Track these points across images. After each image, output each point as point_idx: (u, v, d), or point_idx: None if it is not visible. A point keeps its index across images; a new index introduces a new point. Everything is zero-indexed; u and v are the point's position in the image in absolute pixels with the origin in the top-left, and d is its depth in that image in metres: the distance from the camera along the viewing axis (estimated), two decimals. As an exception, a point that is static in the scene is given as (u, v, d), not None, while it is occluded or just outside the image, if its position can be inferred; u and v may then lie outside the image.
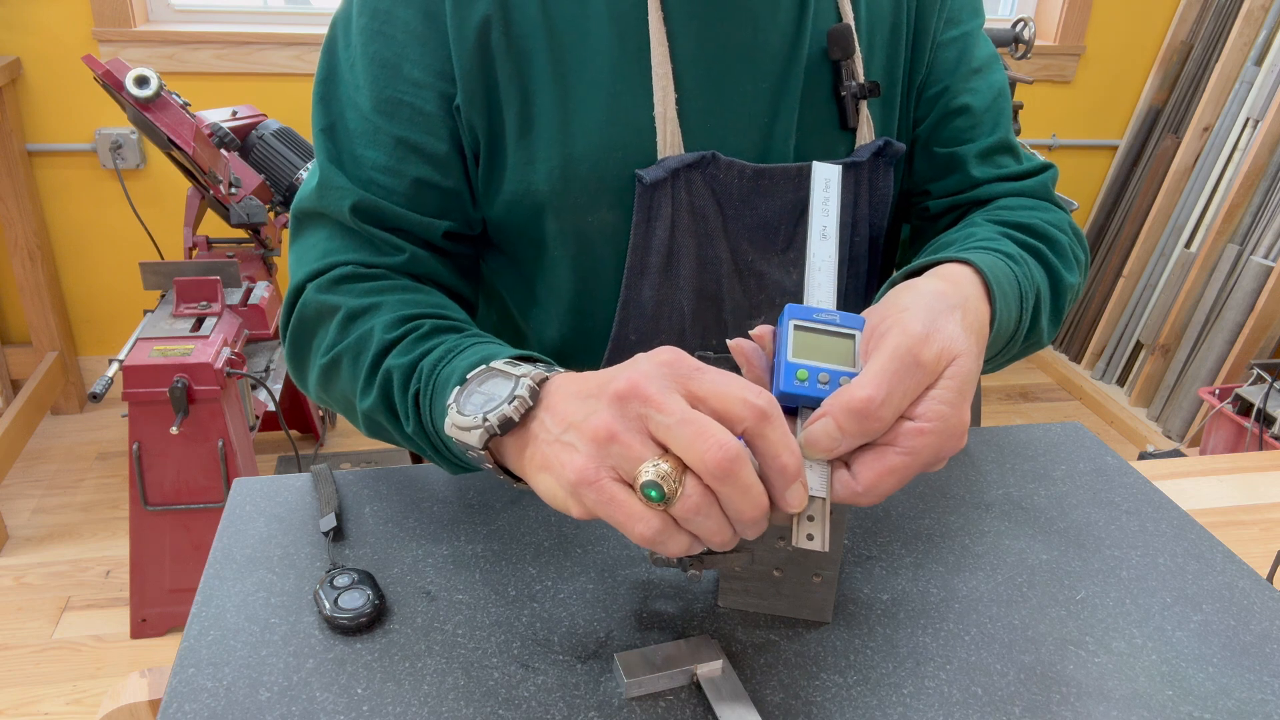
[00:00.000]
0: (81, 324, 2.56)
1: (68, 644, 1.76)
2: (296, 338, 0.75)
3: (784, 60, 0.75)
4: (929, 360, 0.52)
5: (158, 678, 0.64)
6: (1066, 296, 0.75)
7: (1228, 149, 2.54)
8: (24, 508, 2.13)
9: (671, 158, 0.73)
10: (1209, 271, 2.52)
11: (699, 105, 0.74)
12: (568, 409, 0.51)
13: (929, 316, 0.54)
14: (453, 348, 0.64)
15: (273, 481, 0.75)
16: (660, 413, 0.47)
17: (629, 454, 0.47)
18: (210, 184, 1.85)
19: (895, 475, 0.51)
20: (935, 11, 0.80)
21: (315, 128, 0.75)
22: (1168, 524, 0.74)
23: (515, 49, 0.71)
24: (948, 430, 0.51)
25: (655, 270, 0.76)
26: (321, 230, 0.75)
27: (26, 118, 2.31)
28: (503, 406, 0.54)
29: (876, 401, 0.50)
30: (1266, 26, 2.51)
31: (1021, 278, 0.68)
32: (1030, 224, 0.76)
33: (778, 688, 0.57)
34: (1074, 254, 0.78)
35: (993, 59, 0.83)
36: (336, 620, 0.60)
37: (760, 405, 0.47)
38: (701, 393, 0.48)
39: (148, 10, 2.35)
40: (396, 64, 0.72)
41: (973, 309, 0.58)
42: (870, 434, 0.51)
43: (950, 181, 0.82)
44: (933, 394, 0.52)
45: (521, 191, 0.75)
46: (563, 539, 0.69)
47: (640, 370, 0.48)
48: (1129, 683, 0.58)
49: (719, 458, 0.45)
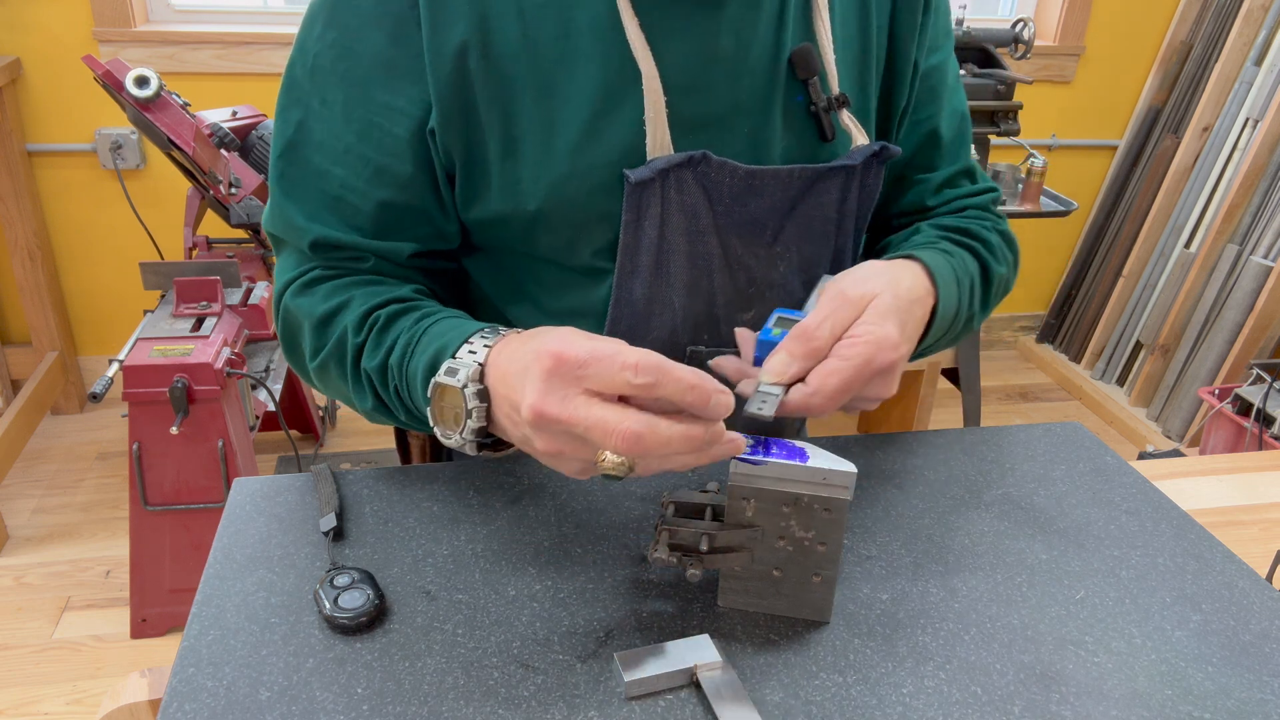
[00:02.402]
0: (81, 324, 2.56)
1: (68, 644, 1.76)
2: (287, 342, 0.79)
3: (765, 73, 0.76)
4: (854, 297, 0.66)
5: (158, 678, 0.64)
6: (994, 285, 0.85)
7: (1227, 149, 2.54)
8: (24, 508, 2.13)
9: (660, 158, 0.73)
10: (1209, 271, 2.52)
11: (686, 115, 0.74)
12: (510, 425, 0.60)
13: (860, 274, 0.70)
14: (409, 340, 0.69)
15: (273, 481, 0.75)
16: (571, 426, 0.53)
17: (579, 456, 0.55)
18: (210, 184, 1.85)
19: (835, 376, 0.62)
20: (914, 36, 0.81)
21: (274, 150, 0.76)
22: (1167, 524, 0.74)
23: (495, 72, 0.71)
24: (874, 339, 0.64)
25: (646, 269, 0.77)
26: (290, 246, 0.78)
27: (26, 118, 2.31)
28: (468, 423, 0.62)
29: (813, 325, 0.64)
30: (1266, 26, 2.51)
31: (958, 268, 0.79)
32: (966, 228, 0.85)
33: (778, 688, 0.57)
34: (1003, 252, 0.87)
35: (959, 80, 0.90)
36: (336, 620, 0.60)
37: (641, 364, 0.52)
38: (594, 386, 0.53)
39: (148, 10, 2.35)
40: (365, 84, 0.71)
41: (905, 281, 0.71)
42: (813, 354, 0.64)
43: (908, 202, 0.89)
44: (860, 319, 0.65)
45: (509, 210, 0.75)
46: (563, 539, 0.69)
47: (537, 392, 0.54)
48: (1129, 682, 0.59)
49: (627, 445, 0.52)
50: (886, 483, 0.78)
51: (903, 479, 0.78)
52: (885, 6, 0.80)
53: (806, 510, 0.59)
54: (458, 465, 0.78)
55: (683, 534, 0.60)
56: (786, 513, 0.59)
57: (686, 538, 0.60)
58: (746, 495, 0.59)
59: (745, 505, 0.60)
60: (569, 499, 0.74)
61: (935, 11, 0.82)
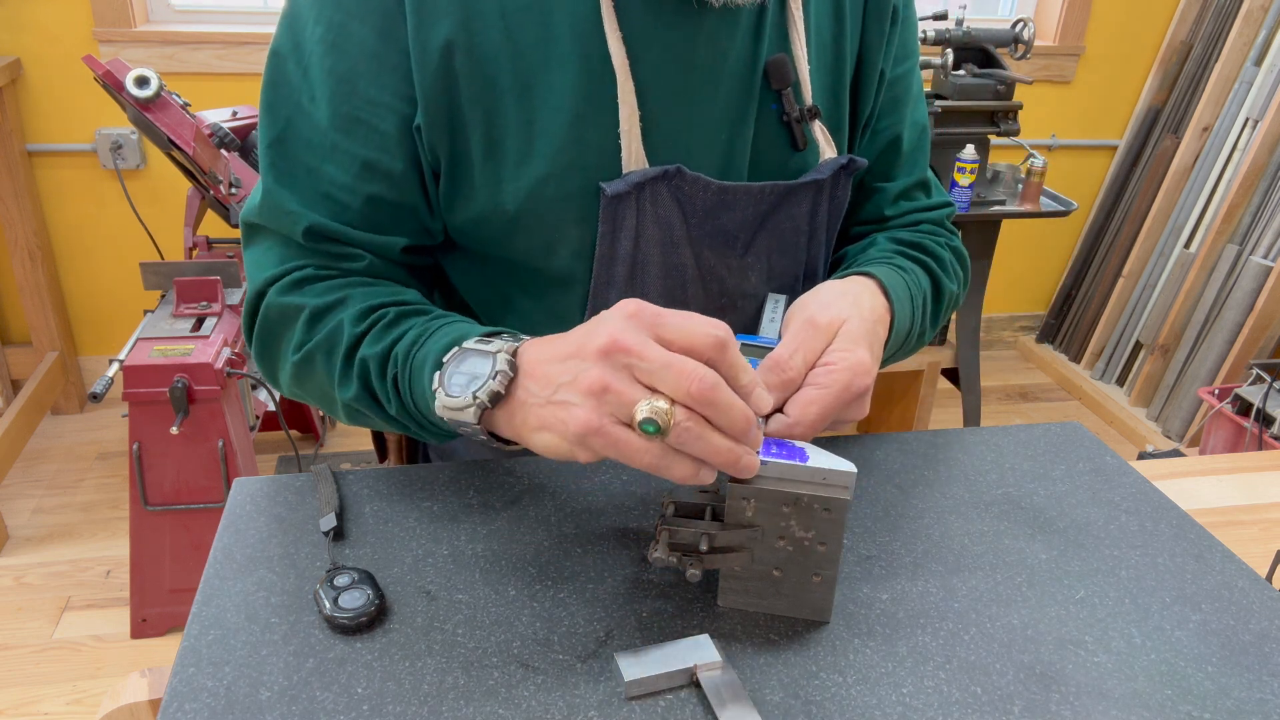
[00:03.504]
0: (81, 324, 2.56)
1: (68, 644, 1.76)
2: (264, 339, 0.76)
3: (740, 83, 0.77)
4: (824, 324, 0.67)
5: (158, 678, 0.64)
6: (945, 301, 0.87)
7: (1227, 149, 2.54)
8: (24, 508, 2.13)
9: (635, 171, 0.74)
10: (1208, 271, 2.52)
11: (661, 124, 0.75)
12: (551, 372, 0.59)
13: (824, 299, 0.70)
14: (423, 331, 0.68)
15: (273, 481, 0.75)
16: (643, 360, 0.54)
17: (623, 399, 0.55)
18: (210, 184, 1.85)
19: (814, 405, 0.63)
20: (882, 46, 0.82)
21: (262, 140, 0.75)
22: (1167, 524, 0.74)
23: (478, 73, 0.71)
24: (848, 366, 0.65)
25: (621, 280, 0.77)
26: (275, 238, 0.75)
27: (26, 118, 2.31)
28: (488, 383, 0.61)
29: (786, 355, 0.65)
30: (1266, 26, 2.51)
31: (911, 285, 0.80)
32: (920, 243, 0.87)
33: (778, 688, 0.57)
34: (954, 269, 0.89)
35: (922, 93, 0.91)
36: (336, 620, 0.60)
37: (718, 335, 0.55)
38: (669, 335, 0.55)
39: (148, 10, 2.35)
40: (353, 80, 0.71)
41: (866, 302, 0.72)
42: (787, 385, 0.64)
43: (866, 211, 0.90)
44: (833, 345, 0.66)
45: (490, 210, 0.75)
46: (563, 539, 0.69)
47: (614, 326, 0.56)
48: (1128, 682, 0.59)
49: (700, 388, 0.53)
50: (886, 483, 0.78)
51: (903, 479, 0.78)
52: (857, 17, 0.81)
53: (806, 510, 0.59)
54: (458, 465, 0.78)
55: (683, 534, 0.60)
56: (786, 513, 0.60)
57: (686, 537, 0.60)
58: (746, 495, 0.59)
59: (745, 505, 0.60)
60: (569, 499, 0.74)
61: (904, 23, 0.84)
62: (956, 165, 2.00)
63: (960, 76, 2.03)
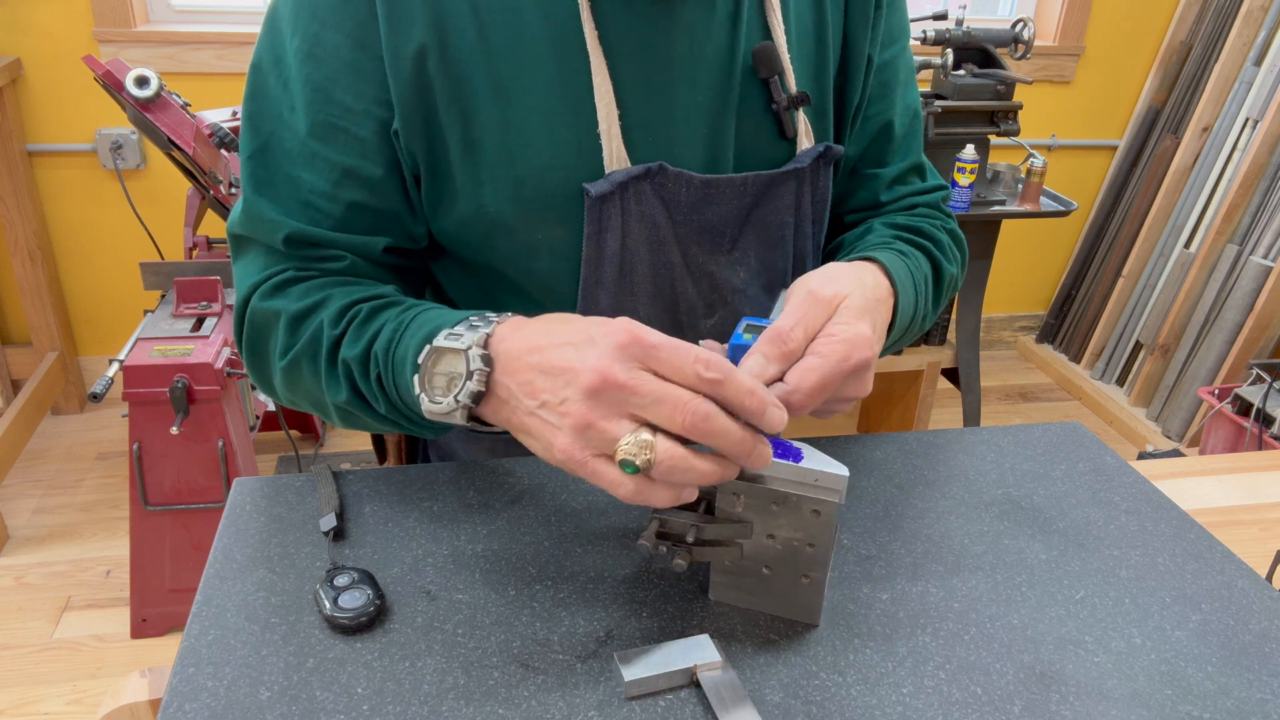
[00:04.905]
0: (81, 324, 2.56)
1: (68, 644, 1.76)
2: (252, 346, 0.76)
3: (721, 73, 0.76)
4: (825, 297, 0.65)
5: (158, 677, 0.64)
6: (945, 284, 0.87)
7: (1227, 149, 2.54)
8: (24, 508, 2.13)
9: (618, 171, 0.74)
10: (1208, 271, 2.52)
11: (642, 120, 0.75)
12: (535, 383, 0.58)
13: (827, 274, 0.69)
14: (397, 326, 0.68)
15: (273, 481, 0.75)
16: (636, 395, 0.54)
17: (605, 437, 0.54)
18: (210, 184, 1.85)
19: (815, 373, 0.62)
20: (866, 30, 0.81)
21: (244, 152, 0.75)
22: (1167, 524, 0.74)
23: (453, 75, 0.71)
24: (848, 338, 0.63)
25: (610, 280, 0.77)
26: (259, 247, 0.76)
27: (26, 118, 2.31)
28: (467, 385, 0.61)
29: (787, 327, 0.63)
30: (1266, 26, 2.51)
31: (913, 269, 0.80)
32: (918, 227, 0.87)
33: (778, 688, 0.57)
34: (952, 251, 0.89)
35: (912, 75, 0.89)
36: (336, 620, 0.60)
37: (711, 376, 0.54)
38: (662, 370, 0.54)
39: (148, 10, 2.35)
40: (329, 89, 0.71)
41: (870, 281, 0.71)
42: (788, 355, 0.62)
43: (860, 198, 0.89)
44: (833, 319, 0.65)
45: (472, 211, 0.75)
46: (563, 539, 0.69)
47: (605, 360, 0.54)
48: (1128, 682, 0.59)
49: (693, 420, 0.53)
50: (886, 483, 0.78)
51: (903, 479, 0.78)
52: (839, 3, 0.80)
53: (795, 510, 0.59)
54: (458, 465, 0.78)
55: (672, 524, 0.60)
56: (775, 511, 0.60)
57: (676, 528, 0.60)
58: (736, 490, 0.60)
59: (735, 500, 0.60)
60: (569, 499, 0.74)
61: (889, 6, 0.83)
62: (956, 165, 2.00)
63: (960, 77, 2.03)
